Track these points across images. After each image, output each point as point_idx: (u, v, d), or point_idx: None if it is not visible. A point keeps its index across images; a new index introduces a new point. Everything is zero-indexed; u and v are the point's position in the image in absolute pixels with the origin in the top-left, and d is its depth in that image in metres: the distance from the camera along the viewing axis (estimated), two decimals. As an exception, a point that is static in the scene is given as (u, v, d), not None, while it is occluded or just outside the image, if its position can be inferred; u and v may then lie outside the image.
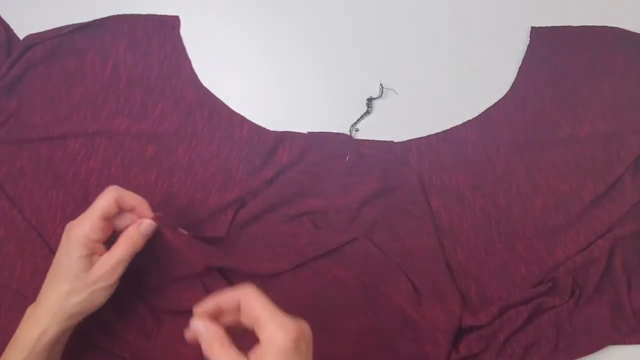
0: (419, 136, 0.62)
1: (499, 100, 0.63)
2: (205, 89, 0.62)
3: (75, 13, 0.63)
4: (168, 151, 0.60)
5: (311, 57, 0.64)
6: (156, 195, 0.58)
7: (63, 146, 0.60)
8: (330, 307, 0.57)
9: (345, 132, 0.61)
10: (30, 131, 0.60)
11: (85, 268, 0.48)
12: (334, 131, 0.61)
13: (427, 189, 0.60)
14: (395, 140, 0.61)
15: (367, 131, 0.62)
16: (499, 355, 0.56)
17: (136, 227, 0.50)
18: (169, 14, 0.64)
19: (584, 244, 0.58)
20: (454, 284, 0.58)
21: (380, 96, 0.62)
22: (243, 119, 0.61)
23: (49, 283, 0.49)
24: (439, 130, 0.62)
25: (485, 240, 0.59)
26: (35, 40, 0.61)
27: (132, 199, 0.50)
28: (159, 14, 0.63)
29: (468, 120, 0.62)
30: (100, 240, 0.49)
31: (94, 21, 0.62)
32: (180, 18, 0.64)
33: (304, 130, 0.61)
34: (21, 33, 0.62)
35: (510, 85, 0.63)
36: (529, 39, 0.64)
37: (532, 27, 0.64)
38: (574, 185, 0.60)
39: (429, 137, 0.62)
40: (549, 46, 0.63)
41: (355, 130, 0.62)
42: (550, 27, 0.64)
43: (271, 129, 0.61)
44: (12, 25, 0.62)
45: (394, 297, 0.57)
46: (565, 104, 0.62)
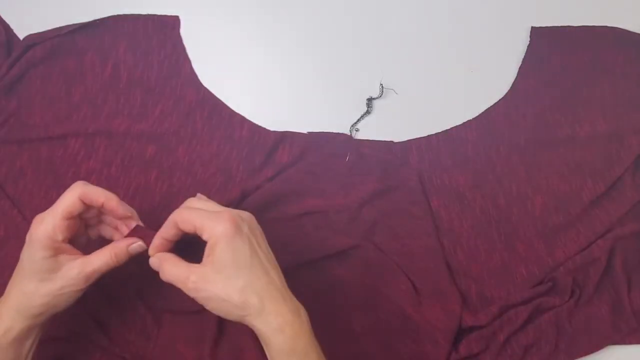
0: (419, 136, 0.62)
1: (499, 100, 0.63)
2: (205, 89, 0.62)
3: (75, 13, 0.63)
4: (168, 151, 0.60)
5: (311, 57, 0.64)
6: (156, 195, 0.59)
7: (63, 146, 0.60)
8: (331, 307, 0.57)
9: (345, 132, 0.61)
10: (30, 131, 0.60)
11: (50, 269, 0.45)
12: (334, 131, 0.61)
13: (427, 189, 0.60)
14: (395, 140, 0.61)
15: (367, 131, 0.62)
16: (499, 355, 0.56)
17: (126, 245, 0.47)
18: (169, 14, 0.64)
19: (584, 244, 0.58)
20: (454, 284, 0.58)
21: (380, 96, 0.62)
22: (243, 119, 0.61)
23: (14, 281, 0.47)
24: (439, 130, 0.62)
25: (485, 240, 0.59)
26: (35, 40, 0.61)
27: (99, 196, 0.47)
28: (159, 14, 0.63)
29: (468, 120, 0.62)
30: (65, 240, 0.46)
31: (94, 21, 0.62)
32: (180, 18, 0.64)
33: (304, 130, 0.61)
34: (21, 33, 0.62)
35: (510, 85, 0.63)
36: (529, 39, 0.64)
37: (532, 27, 0.64)
38: (574, 185, 0.60)
39: (429, 137, 0.62)
40: (549, 46, 0.63)
41: (356, 130, 0.62)
42: (550, 27, 0.64)
43: (271, 129, 0.61)
44: (12, 25, 0.62)
45: (394, 297, 0.57)
46: (565, 104, 0.62)
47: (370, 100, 0.62)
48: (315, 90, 0.63)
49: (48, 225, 0.45)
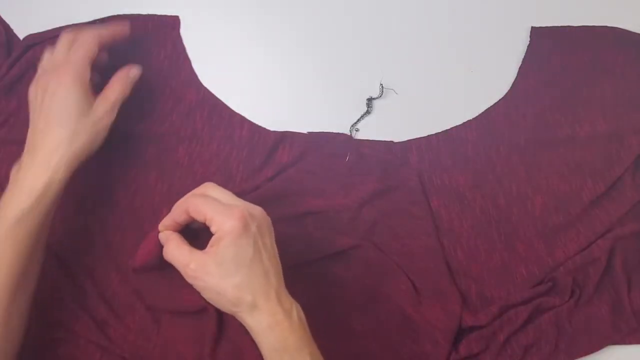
0: (419, 136, 0.62)
1: (499, 100, 0.63)
2: (205, 89, 0.62)
3: (75, 13, 0.63)
4: (168, 151, 0.60)
5: (311, 57, 0.64)
6: (156, 195, 0.58)
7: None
8: (331, 307, 0.57)
9: (345, 132, 0.61)
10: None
11: (86, 106, 0.49)
12: (334, 131, 0.61)
13: (427, 189, 0.60)
14: (395, 140, 0.61)
15: (367, 131, 0.62)
16: (499, 355, 0.56)
17: (126, 73, 0.53)
18: (169, 14, 0.64)
19: (584, 244, 0.58)
20: (454, 284, 0.58)
21: (380, 96, 0.62)
22: (243, 119, 0.61)
23: (44, 131, 0.49)
24: (439, 130, 0.62)
25: (485, 240, 0.59)
26: (35, 40, 0.61)
27: (108, 33, 0.53)
28: (159, 14, 0.63)
29: (468, 120, 0.62)
30: (91, 79, 0.51)
31: (94, 21, 0.62)
32: (180, 18, 0.64)
33: (304, 130, 0.61)
34: (21, 33, 0.62)
35: (510, 85, 0.63)
36: (529, 39, 0.64)
37: (532, 27, 0.64)
38: (574, 185, 0.60)
39: (429, 137, 0.62)
40: (549, 46, 0.63)
41: (356, 130, 0.62)
42: (550, 27, 0.64)
43: (271, 129, 0.61)
44: (12, 26, 0.62)
45: (394, 297, 0.57)
46: (565, 104, 0.62)
47: (370, 100, 0.62)
48: (315, 90, 0.63)
49: (81, 70, 0.50)
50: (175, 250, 0.45)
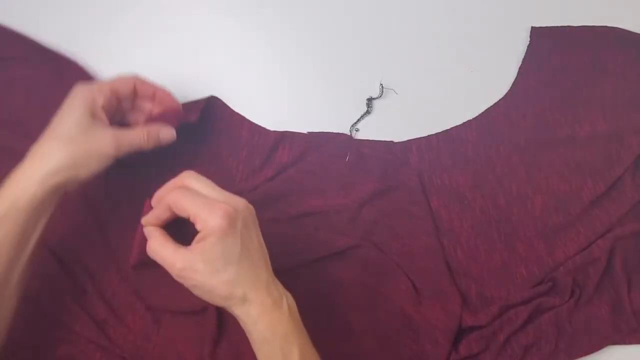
0: (419, 136, 0.62)
1: (499, 100, 0.63)
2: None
3: (75, 12, 0.63)
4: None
5: (311, 57, 0.64)
6: (156, 195, 0.58)
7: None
8: (330, 307, 0.57)
9: (345, 132, 0.61)
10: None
11: (85, 127, 0.46)
12: (334, 131, 0.61)
13: (427, 189, 0.60)
14: (395, 140, 0.61)
15: (367, 131, 0.62)
16: (499, 355, 0.56)
17: (158, 128, 0.50)
18: (168, 11, 0.64)
19: (584, 244, 0.58)
20: (454, 284, 0.58)
21: (380, 96, 0.62)
22: (243, 119, 0.61)
23: (39, 145, 0.47)
24: (439, 130, 0.62)
25: (485, 240, 0.59)
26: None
27: (153, 86, 0.50)
28: (158, 12, 0.63)
29: (468, 120, 0.62)
30: (103, 107, 0.48)
31: None
32: (181, 18, 0.64)
33: (304, 130, 0.61)
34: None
35: (510, 85, 0.63)
36: (529, 39, 0.64)
37: (532, 27, 0.64)
38: (574, 185, 0.60)
39: (429, 137, 0.62)
40: (549, 46, 0.63)
41: (356, 130, 0.62)
42: (550, 27, 0.64)
43: (271, 129, 0.61)
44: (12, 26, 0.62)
45: (394, 297, 0.57)
46: (565, 104, 0.62)
47: (370, 100, 0.62)
48: (315, 90, 0.63)
49: (93, 87, 0.48)
50: (159, 249, 0.44)
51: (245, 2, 0.65)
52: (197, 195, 0.44)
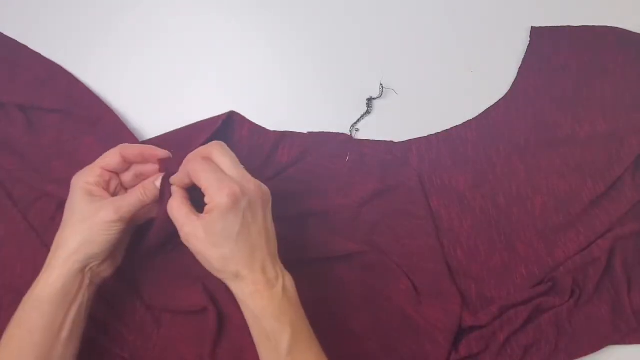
0: (419, 136, 0.62)
1: (499, 100, 0.63)
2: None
3: (75, 13, 0.63)
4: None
5: (311, 57, 0.64)
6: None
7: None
8: (331, 307, 0.57)
9: (345, 132, 0.61)
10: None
11: (88, 209, 0.48)
12: (334, 131, 0.61)
13: (427, 189, 0.60)
14: (395, 140, 0.61)
15: (367, 131, 0.62)
16: (499, 355, 0.56)
17: (152, 180, 0.50)
18: (168, 11, 0.64)
19: (584, 244, 0.58)
20: (454, 284, 0.58)
21: (380, 96, 0.62)
22: (243, 119, 0.61)
23: (58, 234, 0.49)
24: (439, 130, 0.62)
25: (485, 240, 0.59)
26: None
27: (137, 148, 0.51)
28: (158, 12, 0.63)
29: (468, 120, 0.62)
30: (98, 184, 0.50)
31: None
32: (181, 18, 0.64)
33: (304, 130, 0.61)
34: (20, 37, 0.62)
35: (510, 85, 0.63)
36: (529, 39, 0.64)
37: (532, 27, 0.64)
38: (574, 185, 0.60)
39: (429, 137, 0.62)
40: (549, 46, 0.63)
41: (356, 130, 0.62)
42: (550, 27, 0.64)
43: (271, 129, 0.61)
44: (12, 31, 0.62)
45: (394, 297, 0.57)
46: (565, 104, 0.62)
47: (370, 100, 0.62)
48: (315, 90, 0.63)
49: (85, 172, 0.50)
50: (175, 210, 0.47)
51: (245, 2, 0.65)
52: (214, 170, 0.46)
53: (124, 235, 0.51)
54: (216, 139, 0.52)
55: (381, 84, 0.62)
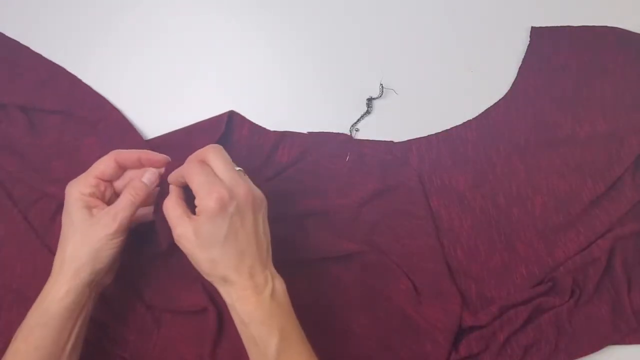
0: (419, 136, 0.62)
1: (499, 100, 0.63)
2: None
3: (75, 13, 0.63)
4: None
5: (311, 57, 0.64)
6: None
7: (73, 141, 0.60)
8: (331, 307, 0.57)
9: (345, 132, 0.61)
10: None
11: (85, 220, 0.48)
12: (334, 131, 0.61)
13: (427, 189, 0.60)
14: (395, 140, 0.61)
15: (367, 131, 0.62)
16: (499, 355, 0.56)
17: (139, 177, 0.50)
18: (168, 11, 0.64)
19: (584, 244, 0.58)
20: (454, 284, 0.58)
21: (380, 96, 0.62)
22: (243, 119, 0.61)
23: (58, 248, 0.49)
24: (439, 130, 0.62)
25: (485, 240, 0.59)
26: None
27: (133, 152, 0.50)
28: (158, 12, 0.63)
29: (468, 120, 0.62)
30: (93, 195, 0.49)
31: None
32: (181, 18, 0.64)
33: (304, 130, 0.61)
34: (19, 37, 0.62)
35: (510, 85, 0.63)
36: (529, 39, 0.64)
37: (532, 27, 0.64)
38: (574, 185, 0.60)
39: (429, 137, 0.62)
40: (549, 46, 0.63)
41: (356, 130, 0.62)
42: (550, 27, 0.64)
43: (271, 129, 0.61)
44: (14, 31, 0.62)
45: (394, 297, 0.57)
46: (565, 104, 0.62)
47: (370, 100, 0.62)
48: (315, 90, 0.63)
49: (79, 181, 0.49)
50: (170, 210, 0.47)
51: (245, 2, 0.65)
52: (206, 173, 0.46)
53: (124, 243, 0.50)
54: (216, 140, 0.52)
55: (381, 84, 0.62)
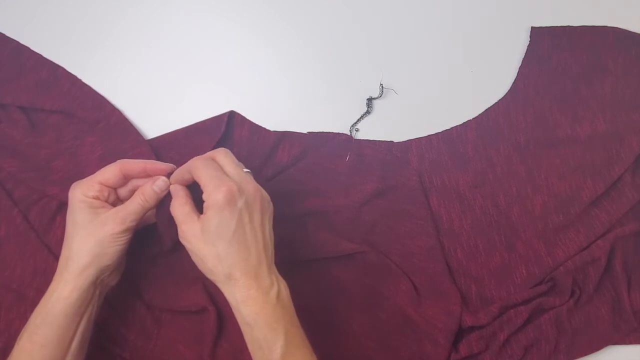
0: (419, 136, 0.62)
1: (499, 100, 0.63)
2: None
3: (75, 13, 0.63)
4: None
5: (311, 57, 0.64)
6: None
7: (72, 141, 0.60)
8: (331, 307, 0.57)
9: (345, 132, 0.61)
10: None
11: (89, 221, 0.48)
12: (334, 131, 0.61)
13: (427, 189, 0.60)
14: (395, 140, 0.61)
15: (367, 131, 0.62)
16: (499, 355, 0.56)
17: (150, 184, 0.50)
18: (168, 11, 0.64)
19: (584, 244, 0.58)
20: (454, 284, 0.58)
21: (380, 96, 0.62)
22: (243, 119, 0.61)
23: (63, 247, 0.49)
24: (439, 130, 0.62)
25: (485, 240, 0.59)
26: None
27: (139, 163, 0.50)
28: (158, 12, 0.64)
29: (468, 120, 0.62)
30: (97, 198, 0.49)
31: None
32: (181, 18, 0.64)
33: (304, 130, 0.61)
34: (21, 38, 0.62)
35: (510, 85, 0.63)
36: (529, 39, 0.64)
37: (532, 27, 0.64)
38: (574, 185, 0.60)
39: (429, 137, 0.62)
40: (549, 46, 0.63)
41: (356, 130, 0.62)
42: (550, 27, 0.64)
43: (271, 129, 0.61)
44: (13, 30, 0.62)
45: (394, 297, 0.57)
46: (565, 104, 0.62)
47: (370, 100, 0.62)
48: (315, 90, 0.63)
49: (83, 184, 0.49)
50: (177, 208, 0.47)
51: (245, 2, 0.65)
52: (215, 168, 0.46)
53: (129, 242, 0.50)
54: (216, 140, 0.52)
55: (381, 84, 0.62)
